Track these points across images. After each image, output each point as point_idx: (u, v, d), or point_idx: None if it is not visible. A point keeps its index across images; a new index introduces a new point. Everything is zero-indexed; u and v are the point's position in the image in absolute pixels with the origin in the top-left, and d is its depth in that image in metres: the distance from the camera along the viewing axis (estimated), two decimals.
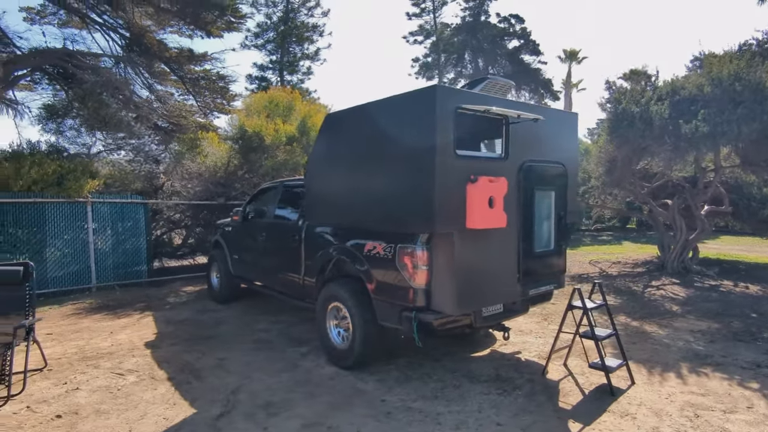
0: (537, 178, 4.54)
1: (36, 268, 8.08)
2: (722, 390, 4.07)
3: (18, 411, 4.00)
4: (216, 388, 4.42)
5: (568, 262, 11.01)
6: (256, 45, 20.81)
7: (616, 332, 4.42)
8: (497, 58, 27.00)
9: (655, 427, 3.48)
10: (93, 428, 3.69)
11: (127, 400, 4.20)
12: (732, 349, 5.08)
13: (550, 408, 3.85)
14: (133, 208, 9.41)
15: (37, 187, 8.10)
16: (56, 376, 4.75)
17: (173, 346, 5.68)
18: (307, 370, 4.81)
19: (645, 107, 6.78)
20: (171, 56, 10.85)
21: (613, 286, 8.29)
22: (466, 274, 3.99)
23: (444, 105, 3.71)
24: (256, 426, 3.68)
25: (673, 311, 6.64)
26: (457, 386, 4.35)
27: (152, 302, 8.03)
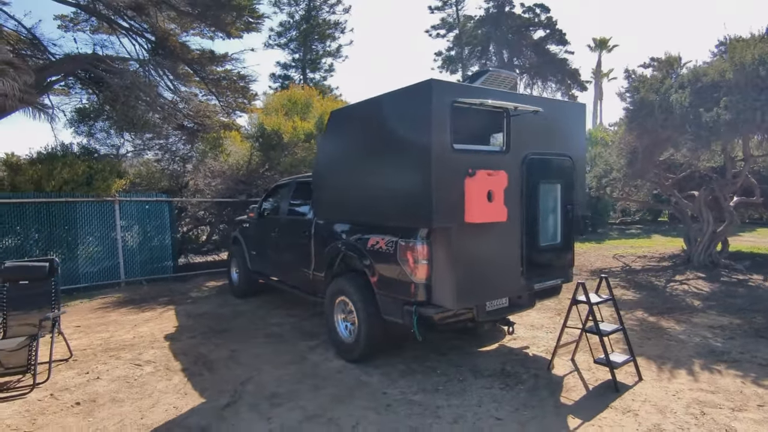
0: (541, 171, 4.48)
1: (68, 264, 8.55)
2: (734, 388, 3.94)
3: (42, 398, 4.25)
4: (226, 379, 4.58)
5: (591, 255, 10.87)
6: (279, 44, 21.14)
7: (623, 327, 4.33)
8: (522, 49, 26.47)
9: (656, 424, 3.40)
10: (108, 415, 3.90)
11: (142, 389, 4.40)
12: (751, 346, 4.89)
13: (551, 403, 3.82)
14: (158, 206, 9.76)
15: (68, 187, 8.51)
16: (80, 366, 5.01)
17: (191, 339, 5.90)
18: (314, 363, 4.92)
19: (664, 95, 6.55)
20: (193, 58, 11.17)
21: (634, 280, 8.07)
22: (465, 268, 3.99)
23: (440, 99, 3.72)
24: (260, 416, 3.80)
25: (694, 306, 6.42)
26: (461, 380, 4.36)
27: (175, 297, 8.33)
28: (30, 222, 8.27)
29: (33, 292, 5.18)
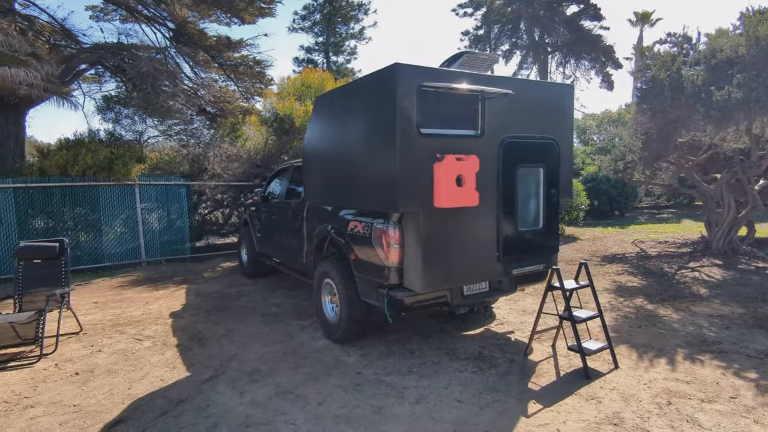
0: (521, 154, 4.40)
1: (92, 244, 9.08)
2: (711, 378, 3.81)
3: (47, 367, 4.62)
4: (215, 355, 4.82)
5: (610, 240, 10.55)
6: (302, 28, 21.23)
7: (599, 315, 4.24)
8: (554, 26, 25.41)
9: (616, 412, 3.36)
10: (100, 385, 4.20)
11: (137, 362, 4.70)
12: (747, 337, 4.68)
13: (517, 388, 3.83)
14: (176, 190, 10.17)
15: (90, 171, 8.99)
16: (87, 340, 5.39)
17: (193, 317, 6.20)
18: (300, 343, 5.09)
19: (676, 73, 6.19)
20: (211, 44, 11.42)
21: (645, 267, 7.81)
22: (435, 252, 4.01)
23: (404, 83, 3.71)
24: (234, 390, 4.00)
25: (699, 294, 6.18)
26: (435, 363, 4.41)
27: (190, 276, 8.72)
28: (56, 205, 8.81)
29: (45, 271, 5.57)
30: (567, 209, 11.44)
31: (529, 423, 3.29)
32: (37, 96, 8.79)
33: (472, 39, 26.73)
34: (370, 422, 3.40)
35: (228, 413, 3.60)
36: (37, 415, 3.68)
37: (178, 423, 3.49)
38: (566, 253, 9.35)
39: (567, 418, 3.32)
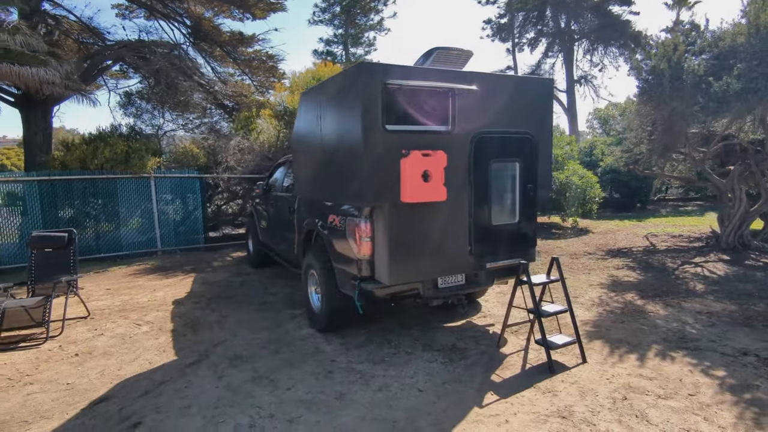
0: (494, 149, 4.42)
1: (110, 234, 9.57)
2: (676, 375, 3.78)
3: (52, 348, 5.00)
4: (204, 340, 5.09)
5: (622, 234, 10.34)
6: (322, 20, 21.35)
7: (569, 309, 4.25)
8: (582, 12, 24.58)
9: (568, 405, 3.41)
10: (95, 366, 4.53)
11: (132, 345, 5.02)
12: (729, 335, 4.59)
13: (479, 379, 3.91)
14: (190, 182, 10.57)
15: (108, 164, 9.47)
16: (92, 324, 5.77)
17: (194, 304, 6.52)
18: (286, 331, 5.30)
19: (677, 63, 5.98)
20: (225, 40, 11.74)
21: (647, 261, 7.65)
22: (402, 246, 4.11)
23: (369, 81, 3.79)
24: (214, 374, 4.24)
25: (695, 290, 6.03)
26: (409, 353, 4.53)
27: (200, 265, 9.11)
28: (77, 196, 9.34)
29: (55, 260, 5.98)
30: (580, 201, 11.24)
31: (480, 413, 3.37)
32: (60, 94, 9.29)
33: (494, 28, 26.20)
34: (329, 407, 3.56)
35: (202, 395, 3.83)
36: (34, 392, 4.02)
37: (156, 403, 3.75)
38: (572, 247, 9.24)
39: (519, 410, 3.39)
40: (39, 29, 11.13)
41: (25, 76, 8.12)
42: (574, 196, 11.12)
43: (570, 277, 6.96)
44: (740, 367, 3.88)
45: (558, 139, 12.44)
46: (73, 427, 3.45)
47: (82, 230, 9.51)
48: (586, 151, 15.56)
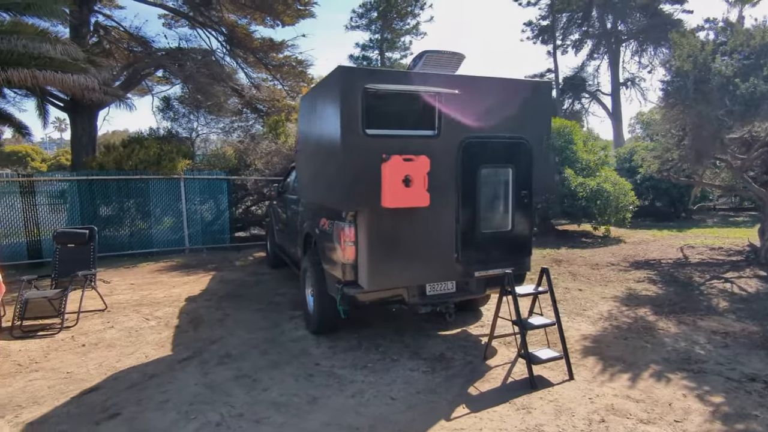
0: (484, 154, 4.30)
1: (142, 231, 10.07)
2: (667, 399, 3.51)
3: (65, 338, 5.31)
4: (202, 338, 5.24)
5: (656, 245, 9.76)
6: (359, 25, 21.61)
7: (557, 323, 4.05)
8: (630, 12, 23.45)
9: (540, 424, 3.24)
10: (96, 356, 4.77)
11: (135, 339, 5.25)
12: (741, 358, 4.21)
13: (455, 391, 3.80)
14: (218, 184, 10.96)
15: (142, 166, 9.98)
16: (107, 317, 6.08)
17: (205, 301, 6.73)
18: (282, 332, 5.37)
19: (702, 64, 5.56)
20: (256, 46, 12.13)
21: (673, 275, 7.17)
22: (383, 251, 4.07)
23: (348, 85, 3.79)
24: (200, 371, 4.35)
25: (717, 308, 5.59)
26: (395, 360, 4.47)
27: (222, 264, 9.40)
28: (113, 195, 9.90)
29: (77, 255, 6.36)
30: (612, 209, 10.71)
31: (445, 426, 3.28)
32: (100, 99, 9.90)
33: (535, 30, 25.45)
34: (298, 410, 3.57)
35: (182, 391, 3.95)
36: (36, 379, 4.28)
37: (139, 396, 3.90)
38: (596, 257, 8.81)
39: (486, 425, 3.26)
40: (87, 39, 11.93)
41: (68, 82, 8.72)
42: (606, 204, 10.61)
43: (585, 289, 6.65)
44: (743, 394, 3.55)
45: (592, 144, 11.94)
46: (59, 414, 3.64)
47: (117, 227, 10.08)
48: (626, 157, 14.82)
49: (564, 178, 10.73)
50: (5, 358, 4.76)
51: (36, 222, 9.42)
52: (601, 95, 25.75)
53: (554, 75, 24.38)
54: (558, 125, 11.67)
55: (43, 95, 10.70)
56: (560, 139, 11.35)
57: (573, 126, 11.69)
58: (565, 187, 10.68)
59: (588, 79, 23.81)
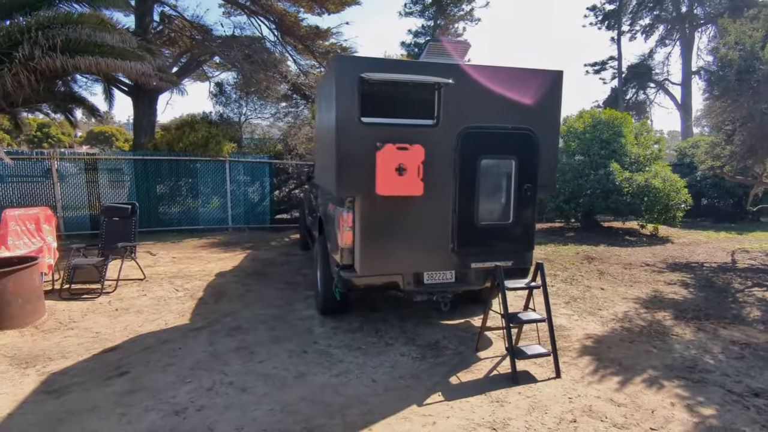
0: (484, 145, 4.25)
1: (190, 209, 10.76)
2: (651, 406, 3.36)
3: (103, 302, 5.89)
4: (219, 310, 5.62)
5: (706, 247, 9.11)
6: (413, 12, 21.29)
7: (548, 319, 3.96)
8: None
9: (508, 418, 3.22)
10: (125, 320, 5.27)
11: (162, 307, 5.72)
12: (754, 371, 3.90)
13: (436, 379, 3.85)
14: (261, 167, 11.46)
15: (190, 148, 10.64)
16: (143, 286, 6.64)
17: (233, 277, 7.16)
18: (292, 310, 5.63)
19: (749, 52, 5.04)
20: (304, 33, 12.42)
21: (710, 279, 6.68)
22: (376, 238, 4.16)
23: (344, 75, 3.88)
24: (208, 340, 4.70)
25: (746, 317, 5.17)
26: (389, 344, 4.58)
27: (258, 243, 9.89)
28: (165, 175, 10.66)
29: (121, 227, 6.96)
30: (661, 207, 10.06)
31: (414, 411, 3.35)
32: (157, 85, 10.62)
33: (599, 15, 23.81)
34: (283, 384, 3.78)
35: (186, 357, 4.29)
36: (69, 336, 4.81)
37: (149, 358, 4.29)
38: (633, 256, 8.37)
39: (454, 414, 3.30)
40: (150, 28, 12.76)
41: (125, 68, 9.42)
42: (654, 202, 9.98)
43: (607, 288, 6.37)
44: (740, 408, 3.33)
45: (644, 137, 11.22)
46: (79, 368, 4.10)
47: (168, 205, 10.85)
48: (688, 152, 13.76)
49: (609, 173, 10.20)
50: (50, 316, 5.37)
51: (98, 197, 10.36)
52: (669, 85, 23.85)
53: (617, 63, 22.81)
54: (607, 116, 11.07)
55: (108, 81, 11.62)
56: (608, 131, 10.77)
57: (623, 117, 11.03)
58: (609, 181, 10.17)
59: (655, 68, 22.05)
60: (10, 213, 6.73)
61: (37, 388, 3.72)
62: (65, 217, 10.06)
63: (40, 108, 12.64)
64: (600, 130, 10.85)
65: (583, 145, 10.87)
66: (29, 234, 6.75)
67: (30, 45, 8.68)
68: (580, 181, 10.57)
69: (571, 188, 10.64)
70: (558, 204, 10.90)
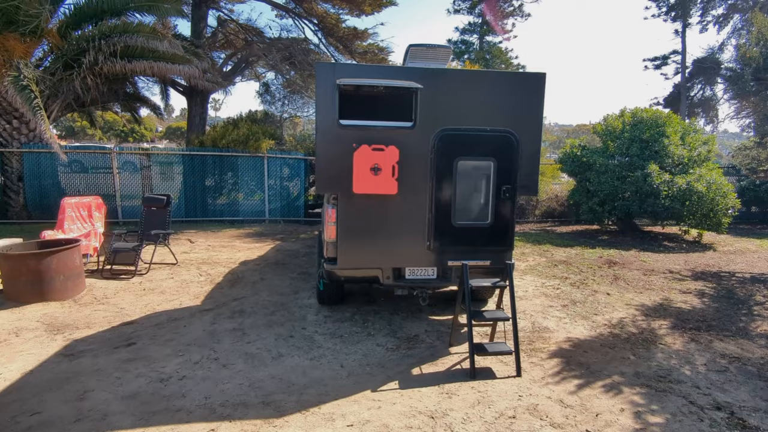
0: (461, 147, 4.37)
1: (232, 201, 11.55)
2: (599, 410, 3.36)
3: (135, 283, 6.60)
4: (230, 294, 6.13)
5: (753, 257, 8.51)
6: (461, 9, 21.05)
7: (512, 318, 4.03)
8: None
9: (449, 409, 3.37)
10: (147, 299, 5.90)
11: (182, 290, 6.33)
12: (729, 386, 3.74)
13: (400, 369, 4.05)
14: (297, 163, 12.03)
15: (232, 144, 11.41)
16: (173, 270, 7.33)
17: (255, 265, 7.71)
18: (296, 298, 6.03)
19: None
20: (343, 35, 12.85)
21: (733, 290, 6.27)
22: (353, 233, 4.43)
23: (323, 80, 4.16)
24: (210, 321, 5.18)
25: (752, 331, 4.86)
26: (371, 335, 4.84)
27: (288, 235, 10.45)
28: (209, 169, 11.51)
29: (157, 216, 7.71)
30: (704, 212, 9.47)
31: (366, 396, 3.59)
32: (203, 85, 11.49)
33: (663, 6, 22.15)
34: (260, 363, 4.15)
35: (187, 334, 4.79)
36: (98, 310, 5.50)
37: (156, 332, 4.83)
38: (660, 263, 7.99)
39: (402, 401, 3.50)
40: (204, 32, 13.74)
41: (175, 71, 10.34)
42: (697, 206, 9.41)
43: (614, 294, 6.20)
44: (693, 420, 3.26)
45: (692, 138, 10.56)
46: (97, 337, 4.71)
47: (211, 197, 11.71)
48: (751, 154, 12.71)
49: (646, 174, 9.73)
50: (88, 291, 6.12)
51: (151, 188, 11.40)
52: None
53: (681, 57, 21.16)
54: (650, 115, 10.53)
55: (165, 82, 12.70)
56: (649, 131, 10.25)
57: (668, 117, 10.44)
58: (646, 184, 9.70)
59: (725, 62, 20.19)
60: (68, 201, 7.68)
61: (58, 351, 4.35)
62: (123, 206, 11.18)
63: (110, 107, 14.05)
64: (640, 129, 10.34)
65: (622, 145, 10.42)
66: (82, 219, 7.66)
67: (95, 52, 9.71)
68: (616, 183, 10.16)
69: (607, 190, 10.26)
70: (591, 206, 10.55)
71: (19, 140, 10.44)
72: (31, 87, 8.29)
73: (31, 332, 4.76)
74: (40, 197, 10.61)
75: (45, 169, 10.65)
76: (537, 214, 13.04)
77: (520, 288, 6.49)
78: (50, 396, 3.54)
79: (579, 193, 11.09)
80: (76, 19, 10.41)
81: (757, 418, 3.28)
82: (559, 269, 7.57)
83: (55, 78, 10.05)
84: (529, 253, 8.88)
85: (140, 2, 10.43)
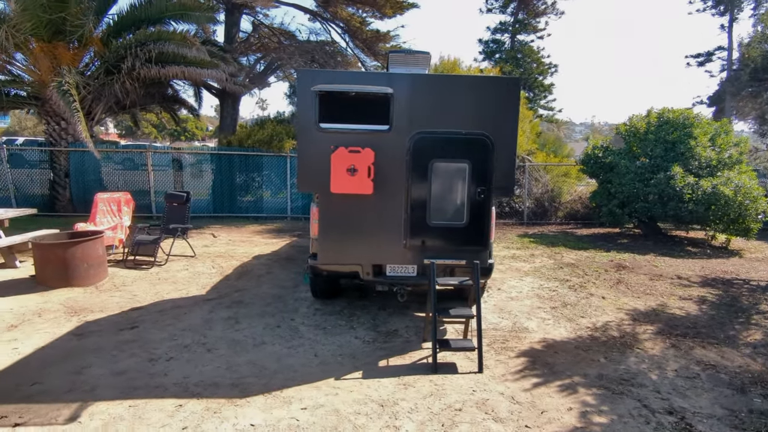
0: (436, 149, 4.52)
1: (255, 199, 12.09)
2: (546, 407, 3.42)
3: (153, 273, 7.14)
4: (234, 286, 6.53)
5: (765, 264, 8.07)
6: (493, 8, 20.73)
7: (477, 316, 4.14)
8: None
9: (400, 399, 3.54)
10: (160, 288, 6.40)
11: (193, 280, 6.80)
12: (693, 392, 3.69)
13: (369, 360, 4.25)
14: None
15: (257, 144, 11.95)
16: (189, 262, 7.85)
17: (266, 260, 8.12)
18: (294, 291, 6.35)
19: None
20: (366, 37, 13.13)
21: (738, 299, 6.02)
22: (332, 231, 4.67)
23: (303, 85, 4.43)
24: (210, 310, 5.58)
25: (740, 340, 4.69)
26: (352, 328, 5.07)
27: (305, 232, 10.81)
28: (236, 167, 12.11)
29: (178, 212, 8.27)
30: (732, 217, 9.05)
31: (328, 383, 3.82)
32: (230, 89, 12.09)
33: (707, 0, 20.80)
34: (242, 349, 4.48)
35: (185, 321, 5.20)
36: (114, 296, 6.03)
37: (158, 318, 5.27)
38: (672, 268, 7.74)
39: (359, 390, 3.70)
40: (236, 37, 14.39)
41: (204, 75, 10.97)
42: (723, 211, 9.01)
43: (609, 297, 6.12)
44: (639, 423, 3.27)
45: (723, 139, 10.07)
46: (107, 319, 5.20)
47: (238, 194, 12.30)
48: None
49: (669, 177, 9.40)
50: (109, 279, 6.70)
51: (182, 185, 12.13)
52: None
53: (727, 53, 19.87)
54: (677, 115, 10.15)
55: (197, 85, 13.44)
56: (674, 132, 9.89)
57: (696, 117, 10.02)
58: (669, 186, 9.37)
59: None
60: (101, 196, 8.38)
61: (70, 331, 4.86)
62: (156, 201, 11.96)
63: (150, 109, 14.99)
64: (665, 130, 9.98)
65: (645, 146, 10.10)
66: (112, 213, 8.34)
67: (132, 58, 10.44)
68: (638, 185, 9.87)
69: (627, 192, 9.98)
70: (611, 208, 10.29)
71: (66, 140, 11.40)
72: (71, 91, 9.08)
73: (53, 314, 5.31)
74: (84, 192, 11.55)
75: (88, 167, 11.57)
76: (560, 215, 12.81)
77: (515, 289, 6.53)
78: (53, 369, 4.00)
79: (600, 195, 10.83)
80: (117, 27, 11.25)
81: (707, 424, 3.25)
82: (563, 272, 7.51)
83: (98, 82, 10.92)
84: (539, 255, 8.82)
85: (174, 11, 11.14)
